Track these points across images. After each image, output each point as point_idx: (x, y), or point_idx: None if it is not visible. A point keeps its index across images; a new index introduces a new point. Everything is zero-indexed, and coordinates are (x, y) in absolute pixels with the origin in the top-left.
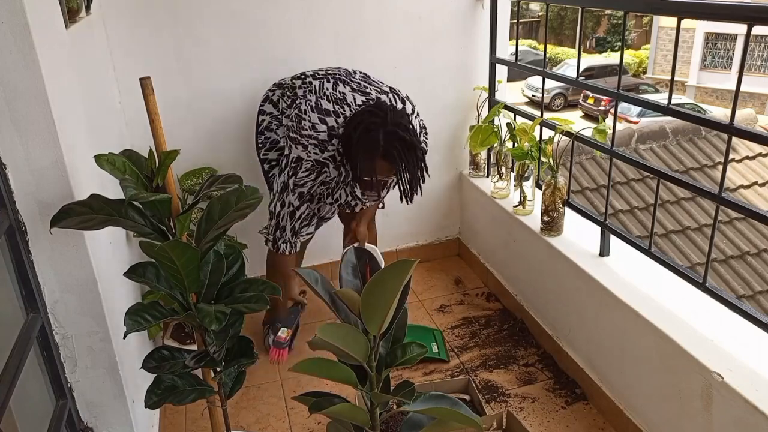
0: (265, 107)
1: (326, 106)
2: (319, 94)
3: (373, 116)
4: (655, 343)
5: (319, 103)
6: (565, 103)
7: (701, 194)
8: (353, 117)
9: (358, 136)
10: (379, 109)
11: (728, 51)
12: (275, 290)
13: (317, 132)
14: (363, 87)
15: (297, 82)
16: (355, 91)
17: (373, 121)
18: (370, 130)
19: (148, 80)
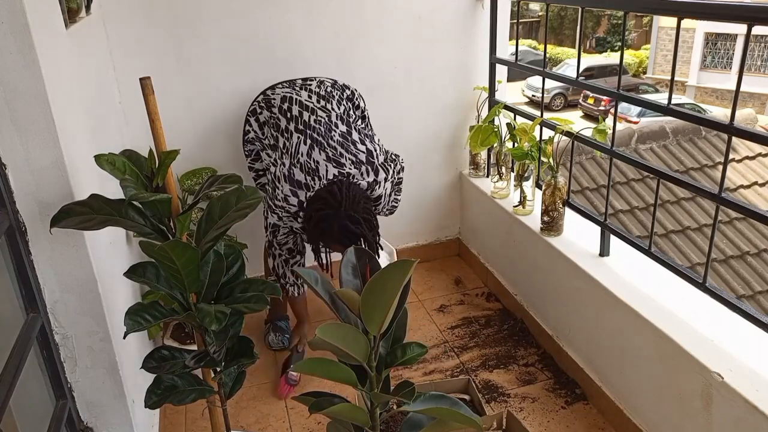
0: (251, 121)
1: (298, 176)
2: (293, 160)
3: (328, 207)
4: (655, 343)
5: (292, 171)
6: (565, 103)
7: (701, 194)
8: (311, 202)
9: (314, 224)
10: (334, 200)
11: (728, 51)
12: (275, 290)
13: (289, 204)
14: (338, 155)
15: (281, 121)
16: (329, 161)
17: (327, 213)
18: (324, 221)
19: (148, 80)
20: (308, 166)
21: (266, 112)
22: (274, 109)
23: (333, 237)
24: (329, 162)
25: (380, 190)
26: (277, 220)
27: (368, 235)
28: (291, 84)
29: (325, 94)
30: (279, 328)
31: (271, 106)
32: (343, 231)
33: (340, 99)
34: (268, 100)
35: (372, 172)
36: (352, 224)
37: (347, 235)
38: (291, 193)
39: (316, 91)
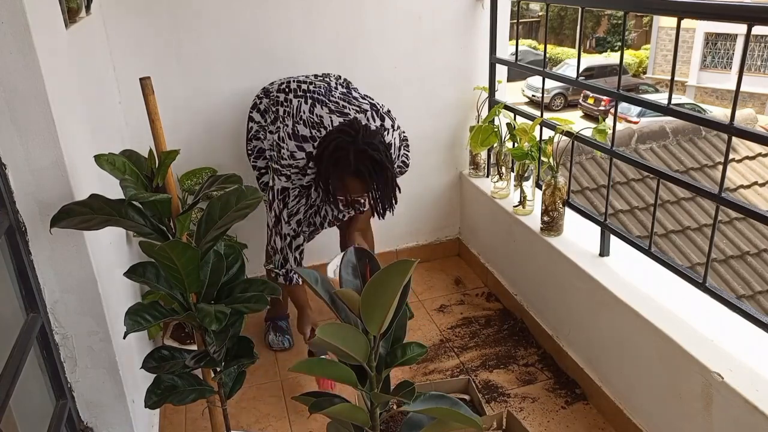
0: (254, 115)
1: (303, 131)
2: (296, 119)
3: (344, 134)
4: (655, 343)
5: (295, 129)
6: (565, 103)
7: (701, 194)
8: (325, 136)
9: (329, 154)
10: (351, 128)
11: (728, 51)
12: (275, 290)
13: (296, 160)
14: (341, 107)
15: (280, 96)
16: (332, 113)
17: (344, 139)
18: (340, 149)
19: (148, 80)
20: (311, 121)
21: (265, 100)
22: (272, 92)
23: (349, 167)
24: (332, 114)
25: (389, 137)
26: (285, 181)
27: (388, 163)
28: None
29: (322, 76)
30: (279, 328)
31: (269, 93)
32: (362, 156)
33: (337, 79)
34: (266, 90)
35: (378, 117)
36: (372, 150)
37: (366, 161)
38: (297, 148)
39: (313, 76)
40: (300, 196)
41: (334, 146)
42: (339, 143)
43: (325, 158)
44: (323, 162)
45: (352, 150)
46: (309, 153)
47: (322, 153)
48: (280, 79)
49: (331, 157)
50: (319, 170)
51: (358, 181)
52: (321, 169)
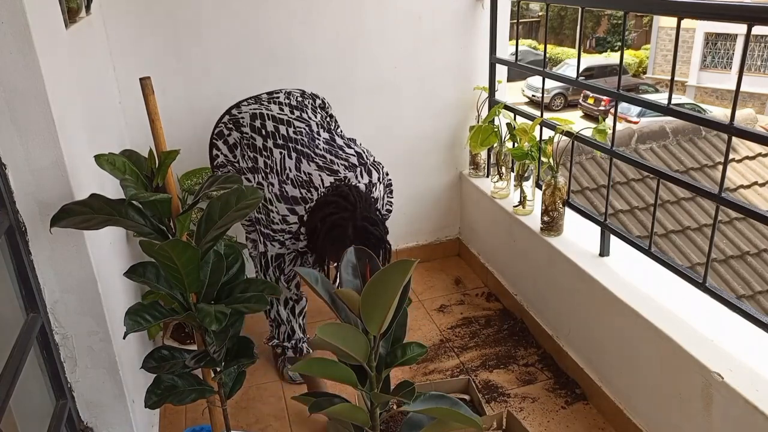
0: (219, 145)
1: (292, 192)
2: (282, 177)
3: (341, 210)
4: (655, 343)
5: (283, 190)
6: (565, 103)
7: (701, 194)
8: (319, 207)
9: (326, 231)
10: (347, 201)
11: (728, 51)
12: (275, 290)
13: (289, 225)
14: (329, 162)
15: (256, 139)
16: (321, 170)
17: (341, 216)
18: (338, 226)
19: (148, 80)
20: (300, 180)
21: (235, 133)
22: (245, 129)
23: (347, 243)
24: (321, 171)
25: (376, 192)
26: (280, 247)
27: (385, 237)
28: (257, 99)
29: (297, 104)
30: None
31: (240, 126)
32: (362, 234)
33: (313, 108)
34: (235, 120)
35: (366, 173)
36: (371, 225)
37: (366, 238)
38: (288, 211)
39: (287, 102)
40: (295, 260)
41: (332, 223)
42: (336, 221)
43: (321, 235)
44: (319, 238)
45: (350, 227)
46: (301, 217)
47: (316, 226)
48: (246, 102)
49: (329, 234)
50: (315, 244)
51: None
52: (318, 244)
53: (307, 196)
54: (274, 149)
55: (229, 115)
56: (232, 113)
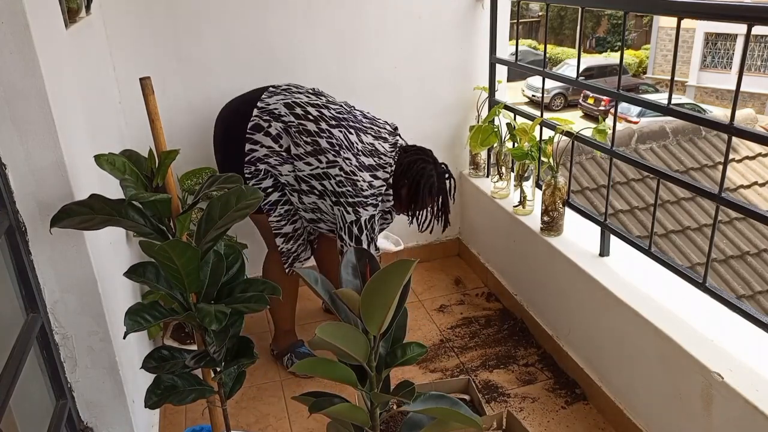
0: (259, 137)
1: (368, 162)
2: (354, 151)
3: (424, 163)
4: (655, 343)
5: (360, 161)
6: (565, 103)
7: (701, 194)
8: (410, 166)
9: (416, 184)
10: (427, 156)
11: (728, 51)
12: (275, 290)
13: (376, 188)
14: (378, 132)
15: (308, 124)
16: (377, 139)
17: (427, 168)
18: (429, 176)
19: (148, 80)
20: (368, 150)
21: (277, 124)
22: (287, 118)
23: (437, 189)
24: (377, 140)
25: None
26: (373, 209)
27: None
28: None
29: (312, 91)
30: (302, 354)
31: (280, 116)
32: (441, 177)
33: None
34: (270, 112)
35: (399, 136)
36: (446, 168)
37: (443, 182)
38: (372, 177)
39: (303, 90)
40: (381, 219)
41: (420, 173)
42: (425, 171)
43: (412, 186)
44: (411, 189)
45: (435, 175)
46: (386, 179)
47: (401, 182)
48: (268, 94)
49: (426, 184)
50: (405, 196)
51: (439, 201)
52: (418, 198)
53: (378, 163)
54: (332, 129)
55: (258, 109)
56: (261, 106)
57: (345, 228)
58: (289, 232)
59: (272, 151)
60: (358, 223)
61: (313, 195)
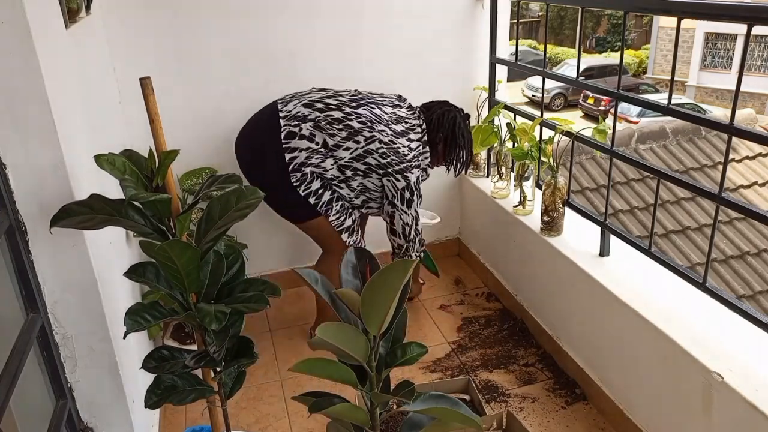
0: (294, 143)
1: (400, 128)
2: (384, 122)
3: (452, 113)
4: (655, 343)
5: (393, 129)
6: (565, 103)
7: (701, 194)
8: (440, 120)
9: (459, 134)
10: (448, 105)
11: (728, 51)
12: (275, 290)
13: (415, 150)
14: (392, 101)
15: (335, 113)
16: (395, 108)
17: (458, 118)
18: (460, 120)
19: (148, 80)
20: (393, 118)
21: (306, 125)
22: (313, 116)
23: (466, 135)
24: (395, 108)
25: None
26: (417, 170)
27: None
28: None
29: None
30: None
31: (305, 118)
32: (468, 122)
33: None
34: (295, 116)
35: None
36: (468, 115)
37: (468, 123)
38: (408, 141)
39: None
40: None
41: (458, 122)
42: (456, 120)
43: (457, 135)
44: (457, 138)
45: (462, 120)
46: (418, 139)
47: (448, 133)
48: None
49: (461, 131)
50: (453, 147)
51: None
52: (456, 146)
53: (408, 126)
54: (357, 110)
55: (283, 119)
56: (284, 115)
57: (397, 195)
58: (350, 225)
59: (311, 151)
60: (409, 188)
61: (359, 177)
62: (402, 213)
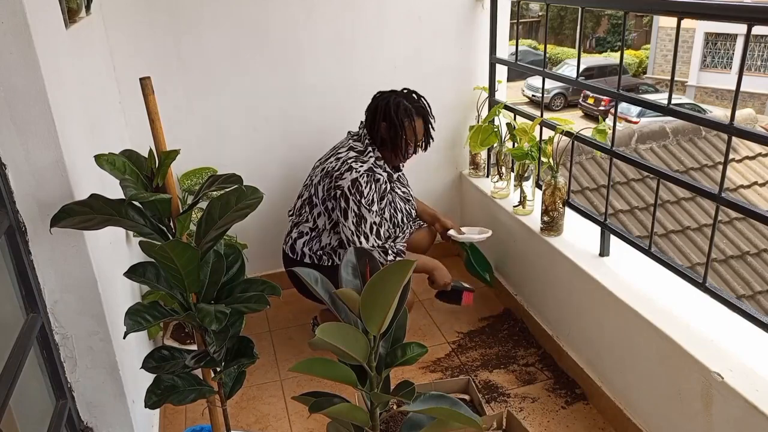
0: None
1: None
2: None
3: (387, 97)
4: (655, 343)
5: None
6: (565, 103)
7: (701, 194)
8: (375, 107)
9: (394, 113)
10: (382, 93)
11: (728, 51)
12: (275, 290)
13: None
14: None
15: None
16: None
17: (394, 98)
18: (398, 105)
19: (148, 80)
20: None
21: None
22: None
23: (412, 110)
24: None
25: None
26: (354, 171)
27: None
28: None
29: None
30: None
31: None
32: (412, 99)
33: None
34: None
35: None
36: (411, 91)
37: (418, 99)
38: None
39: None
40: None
41: (393, 105)
42: (395, 102)
43: (389, 119)
44: (389, 123)
45: (403, 100)
46: (361, 141)
47: (388, 117)
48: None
49: (397, 113)
50: (389, 133)
51: (420, 119)
52: (390, 130)
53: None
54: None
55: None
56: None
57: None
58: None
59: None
60: (343, 194)
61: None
62: (342, 226)
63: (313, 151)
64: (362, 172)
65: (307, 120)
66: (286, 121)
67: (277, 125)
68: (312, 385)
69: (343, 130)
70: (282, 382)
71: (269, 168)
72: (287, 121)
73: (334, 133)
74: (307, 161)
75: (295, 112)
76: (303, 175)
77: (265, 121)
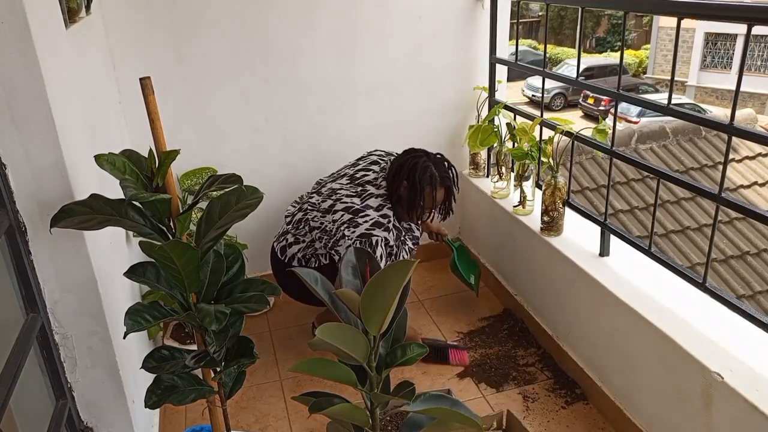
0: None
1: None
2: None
3: (417, 158)
4: (655, 343)
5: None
6: (565, 103)
7: (701, 194)
8: (402, 164)
9: (418, 176)
10: (415, 151)
11: (728, 51)
12: (275, 290)
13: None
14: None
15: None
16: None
17: (423, 161)
18: (426, 169)
19: (148, 80)
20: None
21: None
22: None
23: (437, 178)
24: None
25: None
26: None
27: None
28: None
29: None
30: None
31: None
32: (440, 167)
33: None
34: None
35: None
36: (441, 157)
37: (445, 169)
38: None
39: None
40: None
41: (420, 168)
42: (419, 163)
43: (417, 181)
44: (417, 185)
45: (431, 166)
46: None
47: (411, 178)
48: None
49: (420, 177)
50: (415, 194)
51: (444, 190)
52: (417, 192)
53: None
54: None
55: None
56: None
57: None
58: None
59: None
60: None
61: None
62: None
63: (313, 151)
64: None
65: (307, 120)
66: (286, 121)
67: (277, 125)
68: (312, 385)
69: (343, 130)
70: (282, 382)
71: (269, 168)
72: (287, 121)
73: (334, 132)
74: (306, 161)
75: (295, 112)
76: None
77: (265, 121)
